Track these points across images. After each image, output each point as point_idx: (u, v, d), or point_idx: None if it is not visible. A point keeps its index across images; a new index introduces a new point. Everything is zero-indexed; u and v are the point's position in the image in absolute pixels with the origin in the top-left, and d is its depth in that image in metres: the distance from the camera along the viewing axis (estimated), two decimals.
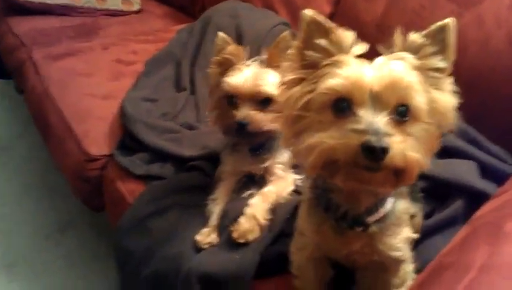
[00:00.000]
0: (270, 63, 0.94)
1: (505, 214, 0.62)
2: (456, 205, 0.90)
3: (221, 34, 0.95)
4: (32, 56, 1.68)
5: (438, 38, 0.59)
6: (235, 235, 0.89)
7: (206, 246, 0.91)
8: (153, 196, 1.06)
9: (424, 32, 0.59)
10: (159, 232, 0.98)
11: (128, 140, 1.25)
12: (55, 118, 1.43)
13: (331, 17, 1.58)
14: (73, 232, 1.70)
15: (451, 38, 0.59)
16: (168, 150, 1.16)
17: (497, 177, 0.94)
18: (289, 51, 0.63)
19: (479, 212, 0.69)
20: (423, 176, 0.80)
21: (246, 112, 0.91)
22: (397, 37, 0.59)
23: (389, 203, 0.67)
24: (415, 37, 0.59)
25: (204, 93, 1.26)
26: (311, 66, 0.60)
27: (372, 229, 0.67)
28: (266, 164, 0.99)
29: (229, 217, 0.95)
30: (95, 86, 1.51)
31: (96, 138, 1.32)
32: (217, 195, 1.00)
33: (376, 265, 0.75)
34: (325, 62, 0.58)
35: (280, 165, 1.00)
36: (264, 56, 0.95)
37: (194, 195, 1.04)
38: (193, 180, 1.08)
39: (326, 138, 0.54)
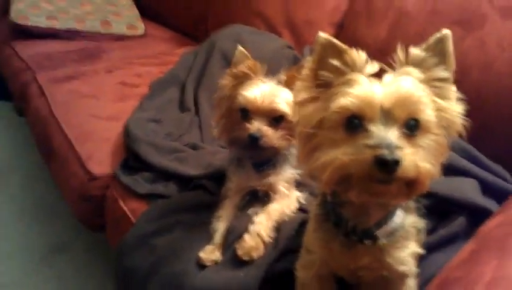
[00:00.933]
0: (288, 84, 0.95)
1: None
2: (458, 222, 0.90)
3: (240, 47, 0.97)
4: (37, 79, 1.70)
5: (438, 49, 0.61)
6: (239, 252, 0.89)
7: (209, 264, 0.91)
8: (157, 214, 1.06)
9: (423, 45, 0.62)
10: (162, 250, 0.98)
11: (131, 160, 1.25)
12: (59, 139, 1.44)
13: (335, 37, 1.62)
14: (67, 254, 1.69)
15: (450, 47, 0.61)
16: (173, 170, 1.17)
17: (497, 195, 0.95)
18: (303, 72, 0.65)
19: (485, 228, 0.70)
20: (426, 194, 0.81)
21: (259, 126, 0.93)
22: (400, 53, 0.62)
23: (398, 217, 0.68)
24: (416, 51, 0.61)
25: (209, 114, 1.28)
26: (324, 86, 0.62)
27: (381, 242, 0.67)
28: (270, 180, 1.00)
29: (234, 235, 0.95)
30: (100, 108, 1.53)
31: (100, 158, 1.32)
32: (221, 213, 1.00)
33: (381, 281, 0.74)
34: (337, 81, 0.61)
35: (284, 183, 1.00)
36: (281, 76, 0.97)
37: (199, 213, 1.04)
38: (197, 198, 1.08)
39: (340, 155, 0.56)
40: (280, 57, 1.47)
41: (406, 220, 0.70)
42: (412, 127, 0.57)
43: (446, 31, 0.61)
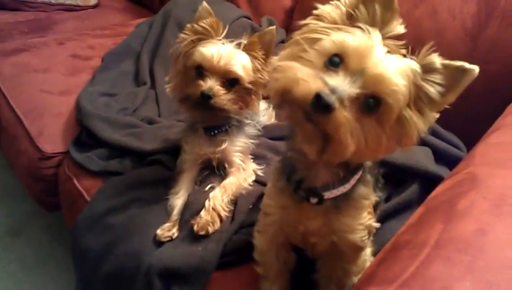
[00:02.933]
0: (247, 49, 0.94)
1: (458, 193, 0.64)
2: (412, 189, 0.93)
3: (205, 4, 0.94)
4: None
5: (453, 75, 0.57)
6: (195, 228, 0.88)
7: (166, 240, 0.89)
8: (112, 191, 1.03)
9: (446, 61, 0.58)
10: (118, 228, 0.95)
11: (84, 136, 1.20)
12: (8, 116, 1.37)
13: (292, 11, 1.60)
14: (26, 235, 1.65)
15: (465, 84, 0.58)
16: (127, 145, 1.13)
17: (450, 162, 0.97)
18: None
19: (434, 193, 0.71)
20: (381, 162, 0.82)
21: (212, 85, 0.90)
22: (424, 49, 0.59)
23: (349, 186, 0.68)
24: (435, 59, 0.58)
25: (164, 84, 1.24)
26: (351, 19, 0.61)
27: (327, 205, 0.68)
28: (223, 147, 0.99)
29: (191, 211, 0.93)
30: (50, 82, 1.45)
31: (52, 136, 1.27)
32: (177, 188, 0.99)
33: (335, 251, 0.75)
34: (361, 24, 0.59)
35: (238, 154, 1.00)
36: (242, 40, 0.95)
37: (155, 189, 1.01)
38: (154, 174, 1.05)
39: (300, 72, 0.55)
40: (237, 26, 1.43)
41: (357, 190, 0.69)
42: (370, 105, 0.55)
43: (475, 68, 0.57)
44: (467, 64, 0.57)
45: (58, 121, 1.30)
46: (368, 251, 0.80)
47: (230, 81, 0.93)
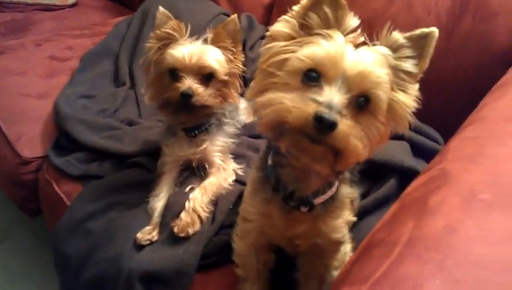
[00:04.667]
0: (215, 42, 0.94)
1: (430, 190, 0.64)
2: (389, 184, 0.93)
3: (162, 8, 0.94)
4: None
5: (419, 44, 0.60)
6: (175, 230, 0.88)
7: (146, 243, 0.89)
8: (92, 196, 1.02)
9: (407, 34, 0.60)
10: (98, 233, 0.94)
11: (63, 140, 1.19)
12: None
13: (271, 7, 1.59)
14: (10, 242, 1.62)
15: (431, 47, 0.60)
16: (107, 148, 1.12)
17: (427, 155, 0.97)
18: (294, 7, 0.62)
19: (408, 190, 0.71)
20: None
21: (190, 83, 0.90)
22: (385, 30, 0.60)
23: (334, 188, 0.69)
24: (398, 36, 0.60)
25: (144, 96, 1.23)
26: (305, 29, 0.60)
27: (317, 211, 0.68)
28: (204, 146, 0.99)
29: (171, 213, 0.93)
30: (28, 85, 1.42)
31: (30, 140, 1.25)
32: (158, 191, 0.98)
33: (316, 249, 0.76)
34: (318, 31, 0.59)
35: (218, 154, 0.99)
36: (208, 35, 0.95)
37: (135, 192, 1.01)
38: (133, 177, 1.05)
39: (285, 99, 0.55)
40: (216, 23, 1.42)
41: (341, 190, 0.70)
42: (361, 103, 0.56)
43: (434, 30, 0.59)
44: (425, 29, 0.60)
45: (37, 124, 1.28)
46: (348, 247, 0.81)
47: (206, 77, 0.93)
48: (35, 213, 1.31)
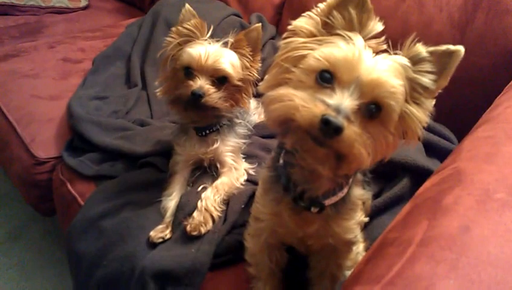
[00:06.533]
0: (235, 47, 0.95)
1: (444, 189, 0.64)
2: (403, 184, 0.93)
3: (188, 6, 0.95)
4: None
5: (441, 60, 0.58)
6: (188, 228, 0.88)
7: (158, 241, 0.90)
8: (105, 195, 1.03)
9: (431, 48, 0.59)
10: (111, 232, 0.95)
11: (77, 141, 1.20)
12: (0, 123, 1.36)
13: (281, 7, 1.59)
14: (25, 239, 1.65)
15: (454, 66, 0.58)
16: (119, 148, 1.13)
17: (441, 155, 0.97)
18: (320, 4, 0.61)
19: (421, 189, 0.71)
20: None
21: (202, 84, 0.91)
22: (408, 41, 0.59)
23: (346, 189, 0.68)
24: (421, 49, 0.58)
25: (156, 87, 1.24)
26: (328, 27, 0.60)
27: (328, 212, 0.68)
28: (215, 146, 0.99)
29: (183, 212, 0.94)
30: (41, 87, 1.45)
31: (44, 141, 1.27)
32: (170, 190, 0.99)
33: (329, 249, 0.76)
34: (339, 31, 0.59)
35: (230, 153, 1.00)
36: (229, 39, 0.96)
37: (148, 192, 1.02)
38: (146, 177, 1.06)
39: (296, 97, 0.54)
40: (227, 24, 1.43)
41: (353, 192, 0.70)
42: (372, 111, 0.55)
43: (460, 48, 0.58)
44: (451, 46, 0.58)
45: (50, 126, 1.30)
46: (361, 246, 0.81)
47: (220, 80, 0.93)
48: (50, 213, 1.33)
